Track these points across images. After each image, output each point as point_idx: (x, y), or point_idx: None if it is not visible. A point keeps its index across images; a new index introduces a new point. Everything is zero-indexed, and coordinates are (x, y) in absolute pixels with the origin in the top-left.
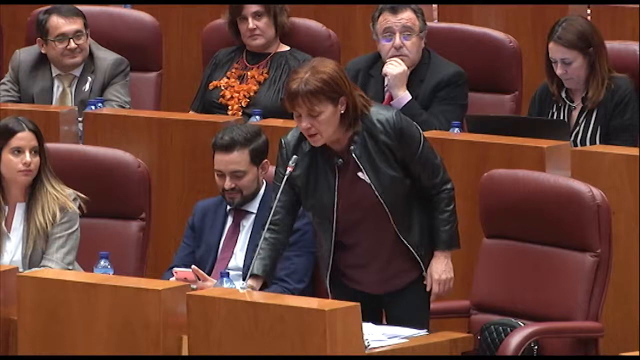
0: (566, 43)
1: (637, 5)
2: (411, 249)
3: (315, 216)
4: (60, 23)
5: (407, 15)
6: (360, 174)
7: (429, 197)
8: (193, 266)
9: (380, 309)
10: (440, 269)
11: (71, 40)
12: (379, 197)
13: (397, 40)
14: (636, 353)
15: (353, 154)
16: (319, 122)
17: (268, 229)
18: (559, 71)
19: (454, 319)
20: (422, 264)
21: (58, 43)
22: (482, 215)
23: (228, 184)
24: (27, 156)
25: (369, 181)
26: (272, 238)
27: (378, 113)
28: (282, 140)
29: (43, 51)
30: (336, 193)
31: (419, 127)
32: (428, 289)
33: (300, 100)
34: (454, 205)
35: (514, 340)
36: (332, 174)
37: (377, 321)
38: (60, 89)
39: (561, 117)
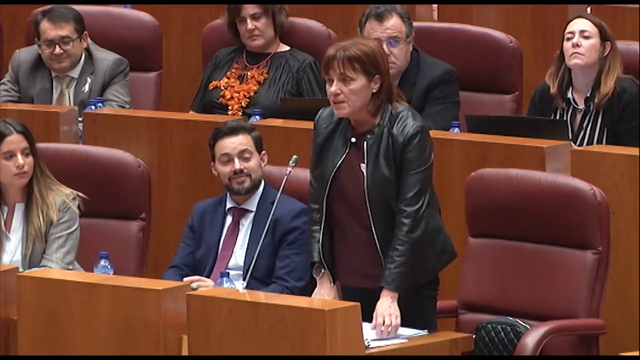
0: (591, 19)
1: (637, 5)
2: (384, 261)
3: (317, 185)
4: (47, 28)
5: (392, 23)
6: (362, 164)
7: (394, 225)
8: (185, 279)
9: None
10: (383, 308)
11: (57, 46)
12: (365, 191)
13: (385, 49)
14: (636, 353)
15: (365, 143)
16: (348, 90)
17: (312, 209)
18: (573, 41)
19: (441, 318)
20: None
21: (45, 47)
22: (468, 215)
23: (237, 165)
24: (20, 159)
25: (364, 172)
26: (318, 218)
27: (407, 116)
28: (320, 110)
29: (39, 51)
30: (338, 165)
31: (431, 155)
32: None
33: (335, 63)
34: (407, 248)
35: (531, 340)
36: (343, 148)
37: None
38: (59, 90)
39: (564, 117)
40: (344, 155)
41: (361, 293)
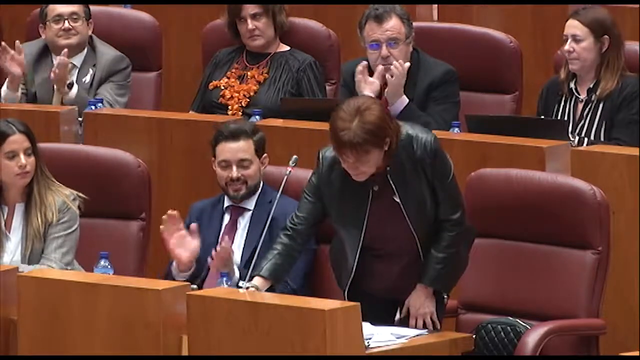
0: (582, 19)
1: (637, 5)
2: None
3: (342, 231)
4: (57, 6)
5: (392, 25)
6: (395, 197)
7: (436, 231)
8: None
9: (394, 312)
10: (419, 302)
11: (66, 20)
12: (406, 217)
13: (384, 50)
14: (636, 353)
15: (389, 176)
16: (367, 166)
17: (285, 234)
18: (566, 47)
19: None
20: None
21: (54, 24)
22: (467, 215)
23: (235, 173)
24: (22, 159)
25: (398, 200)
26: (288, 244)
27: (417, 134)
28: (320, 154)
29: (43, 36)
30: (366, 219)
31: (450, 161)
32: (401, 315)
33: (348, 152)
34: (454, 250)
35: (531, 340)
36: (366, 199)
37: (390, 323)
38: None
39: (566, 110)
40: (369, 206)
41: (381, 299)
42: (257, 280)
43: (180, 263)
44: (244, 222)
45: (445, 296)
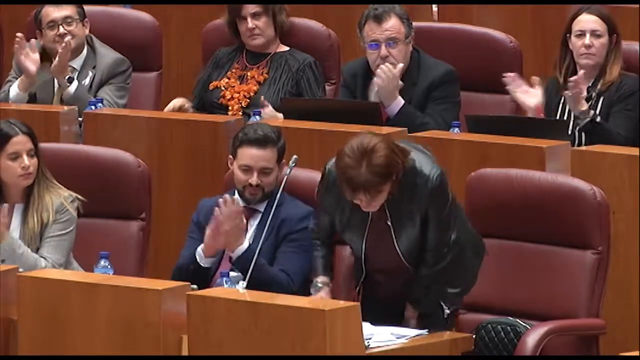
0: (600, 15)
1: (637, 5)
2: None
3: (348, 242)
4: (50, 11)
5: (391, 24)
6: (388, 222)
7: (421, 259)
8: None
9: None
10: (410, 324)
11: (60, 26)
12: (395, 242)
13: (383, 50)
14: (636, 353)
15: (385, 202)
16: (379, 201)
17: (315, 243)
18: (585, 42)
19: None
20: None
21: (49, 30)
22: (468, 215)
23: (255, 180)
24: (26, 160)
25: (390, 224)
26: (323, 247)
27: (421, 169)
28: (327, 168)
29: (41, 43)
30: (365, 236)
31: (451, 193)
32: None
33: (362, 194)
34: (440, 269)
35: (531, 340)
36: (366, 218)
37: (391, 324)
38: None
39: (566, 109)
40: (368, 227)
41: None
42: (321, 278)
43: (210, 249)
44: (255, 224)
45: (447, 311)
